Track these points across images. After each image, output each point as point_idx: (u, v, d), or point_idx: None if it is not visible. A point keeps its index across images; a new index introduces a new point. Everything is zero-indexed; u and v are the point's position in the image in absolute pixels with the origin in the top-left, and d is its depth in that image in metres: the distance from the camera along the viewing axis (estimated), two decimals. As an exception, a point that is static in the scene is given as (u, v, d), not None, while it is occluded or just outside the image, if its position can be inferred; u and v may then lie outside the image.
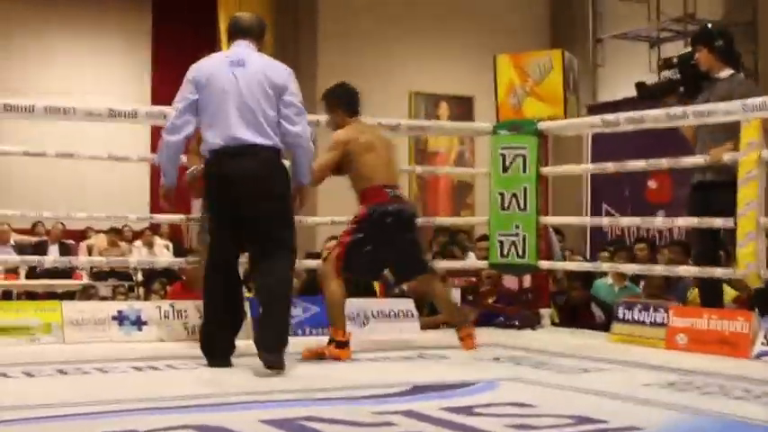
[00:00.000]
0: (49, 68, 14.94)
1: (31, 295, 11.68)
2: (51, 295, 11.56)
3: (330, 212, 9.30)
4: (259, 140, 4.90)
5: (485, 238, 8.18)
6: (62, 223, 12.86)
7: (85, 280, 12.15)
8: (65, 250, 12.72)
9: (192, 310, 6.20)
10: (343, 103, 5.84)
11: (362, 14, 14.77)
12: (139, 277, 12.52)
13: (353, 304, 6.59)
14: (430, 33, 15.13)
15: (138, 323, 6.19)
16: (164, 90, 12.59)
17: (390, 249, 5.67)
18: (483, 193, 12.00)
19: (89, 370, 4.89)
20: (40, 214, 9.15)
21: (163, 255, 13.27)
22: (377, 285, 7.83)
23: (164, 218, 7.79)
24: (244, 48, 5.10)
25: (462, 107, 15.35)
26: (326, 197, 13.29)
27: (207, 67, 5.04)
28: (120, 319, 6.19)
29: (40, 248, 12.56)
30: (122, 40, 15.64)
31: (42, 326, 6.12)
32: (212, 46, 14.63)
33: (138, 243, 13.66)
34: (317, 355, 5.37)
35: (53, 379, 4.66)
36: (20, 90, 13.39)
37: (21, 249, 12.37)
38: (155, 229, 13.91)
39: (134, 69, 15.60)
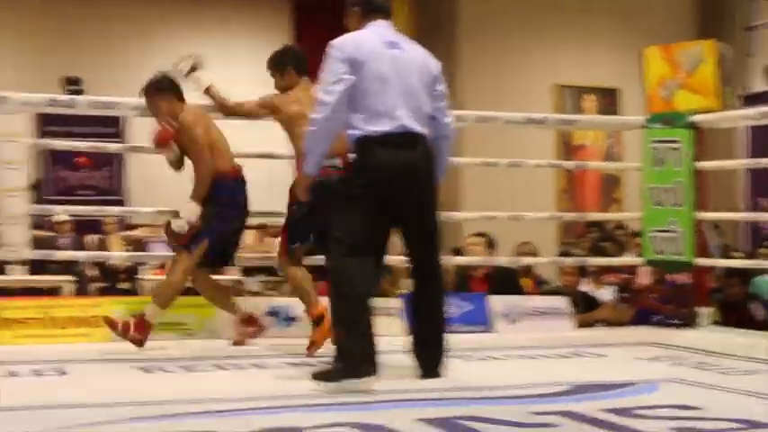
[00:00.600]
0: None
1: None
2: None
3: (476, 207, 9.27)
4: (421, 130, 4.56)
5: (639, 234, 7.99)
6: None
7: (235, 275, 12.35)
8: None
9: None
10: (295, 63, 5.74)
11: (504, 5, 14.62)
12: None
13: (503, 302, 6.52)
14: (573, 24, 14.86)
15: (289, 319, 6.24)
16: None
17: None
18: (631, 187, 11.78)
19: (245, 366, 4.96)
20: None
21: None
22: (526, 282, 7.74)
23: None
24: (389, 29, 4.68)
25: (607, 99, 15.04)
26: (471, 191, 13.36)
27: (364, 46, 4.50)
28: (274, 314, 6.26)
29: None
30: (256, 39, 15.78)
31: (197, 322, 6.23)
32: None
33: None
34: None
35: (211, 375, 4.73)
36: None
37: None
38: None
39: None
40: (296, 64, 5.71)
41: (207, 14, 15.19)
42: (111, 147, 9.36)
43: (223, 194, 5.65)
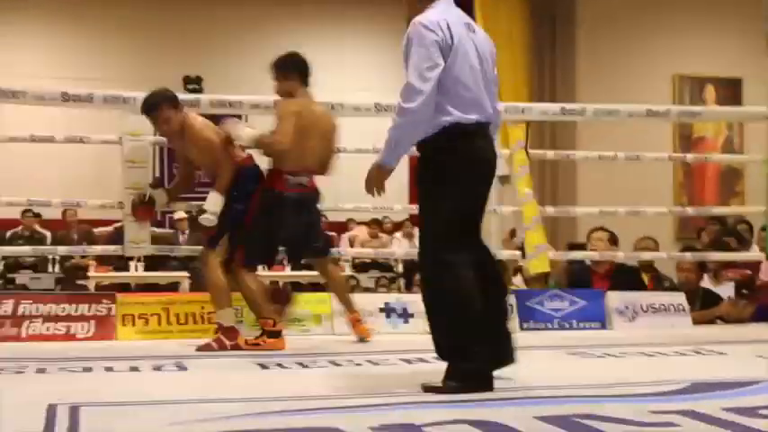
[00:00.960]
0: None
1: (295, 286, 12.09)
2: (315, 286, 11.95)
3: (591, 202, 9.14)
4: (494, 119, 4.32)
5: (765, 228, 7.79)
6: (325, 216, 13.15)
7: (348, 271, 12.44)
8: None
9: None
10: (297, 69, 5.79)
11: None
12: (399, 269, 12.70)
13: (620, 298, 6.41)
14: (694, 12, 14.53)
15: (405, 315, 6.24)
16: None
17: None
18: (754, 180, 11.45)
19: (361, 362, 4.97)
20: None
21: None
22: (646, 278, 7.60)
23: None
24: (456, 8, 4.28)
25: (729, 90, 14.66)
26: (586, 185, 13.18)
27: (453, 28, 4.12)
28: (388, 311, 6.27)
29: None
30: (370, 36, 15.81)
31: (313, 317, 6.28)
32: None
33: (398, 234, 13.86)
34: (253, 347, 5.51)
35: (327, 371, 4.75)
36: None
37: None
38: (414, 220, 14.06)
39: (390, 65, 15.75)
40: (299, 71, 5.80)
41: (322, 12, 15.31)
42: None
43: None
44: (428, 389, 4.00)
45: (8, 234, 12.65)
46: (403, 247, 13.01)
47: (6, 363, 4.82)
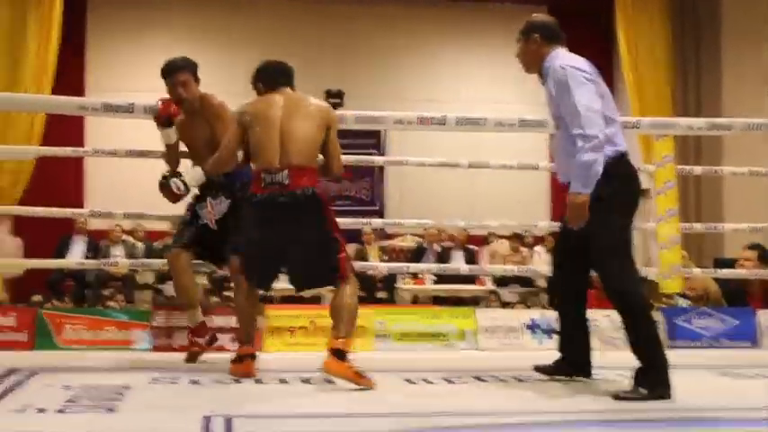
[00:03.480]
0: (430, 77, 15.45)
1: (437, 300, 12.13)
2: (457, 300, 11.97)
3: (740, 218, 8.88)
4: None
5: None
6: (465, 229, 13.19)
7: (489, 285, 12.41)
8: (469, 255, 13.06)
9: (605, 321, 6.10)
10: (260, 78, 5.17)
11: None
12: (541, 283, 12.59)
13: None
14: None
15: (551, 332, 6.19)
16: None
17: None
18: None
19: (506, 378, 4.95)
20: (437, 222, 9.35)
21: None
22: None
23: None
24: None
25: None
26: (733, 201, 12.83)
27: (589, 68, 4.63)
28: (533, 327, 6.23)
29: (446, 254, 12.98)
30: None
31: (457, 332, 6.28)
32: (609, 52, 14.49)
33: (538, 248, 13.75)
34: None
35: (472, 387, 4.74)
36: (409, 98, 13.96)
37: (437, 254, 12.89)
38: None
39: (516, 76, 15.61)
40: (261, 80, 5.22)
41: (465, 27, 15.32)
42: (377, 159, 9.63)
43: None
44: (620, 397, 4.24)
45: (160, 245, 13.01)
46: (543, 262, 12.91)
47: (161, 373, 4.97)
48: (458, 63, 15.24)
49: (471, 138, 11.50)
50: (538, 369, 4.95)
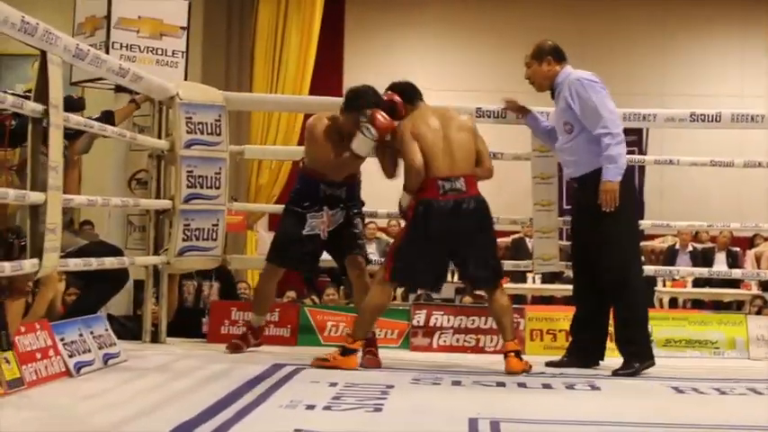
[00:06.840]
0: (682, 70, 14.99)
1: (696, 303, 11.71)
2: (717, 305, 11.51)
3: None
4: None
5: None
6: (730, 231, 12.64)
7: (754, 290, 11.85)
8: (732, 258, 12.56)
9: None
10: (403, 95, 5.40)
11: None
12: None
13: None
14: None
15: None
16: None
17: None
18: None
19: (782, 391, 4.66)
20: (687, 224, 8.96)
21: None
22: None
23: None
24: None
25: None
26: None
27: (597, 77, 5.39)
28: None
29: (707, 255, 12.54)
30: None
31: (726, 340, 6.02)
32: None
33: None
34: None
35: (748, 398, 4.49)
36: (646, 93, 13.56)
37: (692, 256, 12.48)
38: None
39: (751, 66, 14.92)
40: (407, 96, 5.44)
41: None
42: (647, 159, 9.31)
43: None
44: (618, 373, 5.18)
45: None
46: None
47: (423, 374, 4.98)
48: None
49: (719, 135, 10.97)
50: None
